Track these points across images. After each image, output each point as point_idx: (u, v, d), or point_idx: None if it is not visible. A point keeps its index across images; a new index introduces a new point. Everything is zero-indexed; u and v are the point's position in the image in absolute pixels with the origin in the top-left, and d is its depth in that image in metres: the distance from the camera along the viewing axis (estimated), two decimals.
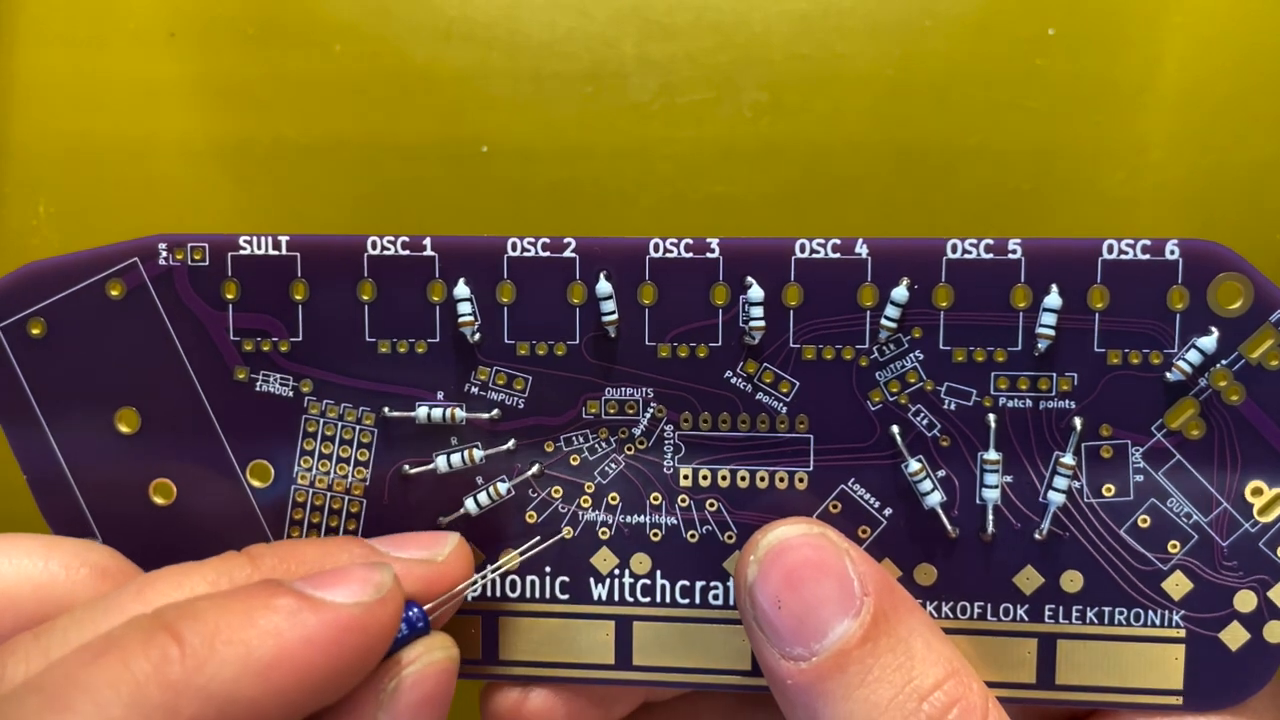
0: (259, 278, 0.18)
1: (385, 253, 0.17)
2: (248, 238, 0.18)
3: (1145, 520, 0.17)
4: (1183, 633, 0.17)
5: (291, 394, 0.18)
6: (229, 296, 0.18)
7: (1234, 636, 0.17)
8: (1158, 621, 0.17)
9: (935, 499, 0.17)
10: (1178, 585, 0.17)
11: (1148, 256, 0.16)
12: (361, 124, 0.22)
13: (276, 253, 0.18)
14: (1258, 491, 0.16)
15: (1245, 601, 0.17)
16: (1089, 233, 0.22)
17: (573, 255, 0.17)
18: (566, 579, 0.18)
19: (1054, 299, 0.16)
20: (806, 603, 0.15)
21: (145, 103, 0.22)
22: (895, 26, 0.22)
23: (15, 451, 0.18)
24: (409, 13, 0.21)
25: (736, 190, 0.22)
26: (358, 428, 0.18)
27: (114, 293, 0.18)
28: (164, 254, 0.18)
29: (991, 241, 0.17)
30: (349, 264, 0.17)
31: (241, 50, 0.22)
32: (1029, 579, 0.17)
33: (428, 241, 0.17)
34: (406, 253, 0.17)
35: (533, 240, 0.17)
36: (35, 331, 0.18)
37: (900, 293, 0.16)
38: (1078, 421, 0.17)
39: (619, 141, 0.22)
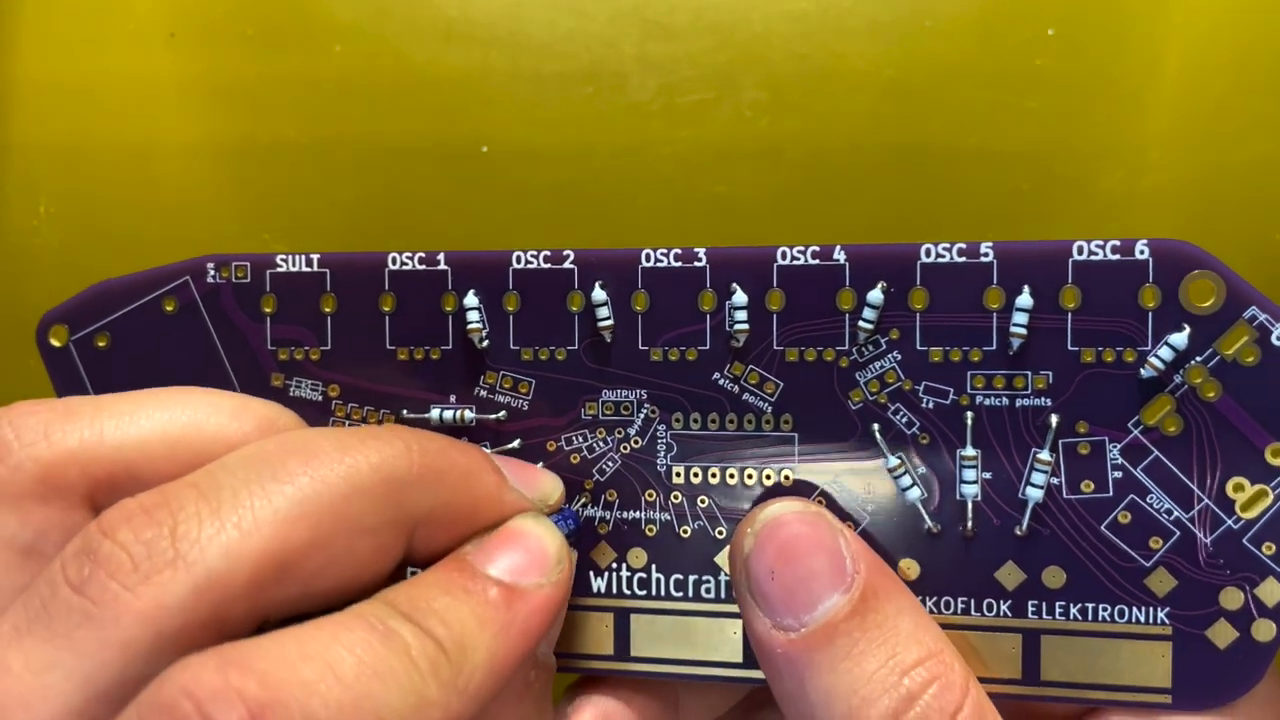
0: (293, 293, 0.20)
1: (404, 267, 0.19)
2: (284, 256, 0.20)
3: (1125, 516, 0.17)
4: (1169, 630, 0.17)
5: (320, 398, 0.20)
6: (267, 310, 0.20)
7: (1221, 634, 0.17)
8: (1142, 619, 0.17)
9: (915, 494, 0.18)
10: (1161, 582, 0.17)
11: (1117, 257, 0.17)
12: (361, 124, 0.22)
13: (309, 269, 0.20)
14: (1239, 488, 0.17)
15: (1232, 599, 0.17)
16: (1089, 232, 0.22)
17: (571, 266, 0.19)
18: None
19: (1025, 299, 0.17)
20: (799, 575, 0.16)
21: (145, 103, 0.23)
22: (895, 26, 0.23)
23: None
24: (409, 13, 0.22)
25: (736, 190, 0.23)
26: None
27: (169, 308, 0.20)
28: (212, 273, 0.20)
29: (964, 245, 0.18)
30: (372, 278, 0.19)
31: (241, 50, 0.22)
32: (1011, 575, 0.18)
33: (441, 256, 0.19)
34: (423, 267, 0.19)
35: (535, 253, 0.19)
36: (101, 344, 0.20)
37: (875, 295, 0.18)
38: (1054, 419, 0.17)
39: (619, 141, 0.22)
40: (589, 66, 0.23)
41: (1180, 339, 0.17)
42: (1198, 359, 0.17)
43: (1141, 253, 0.17)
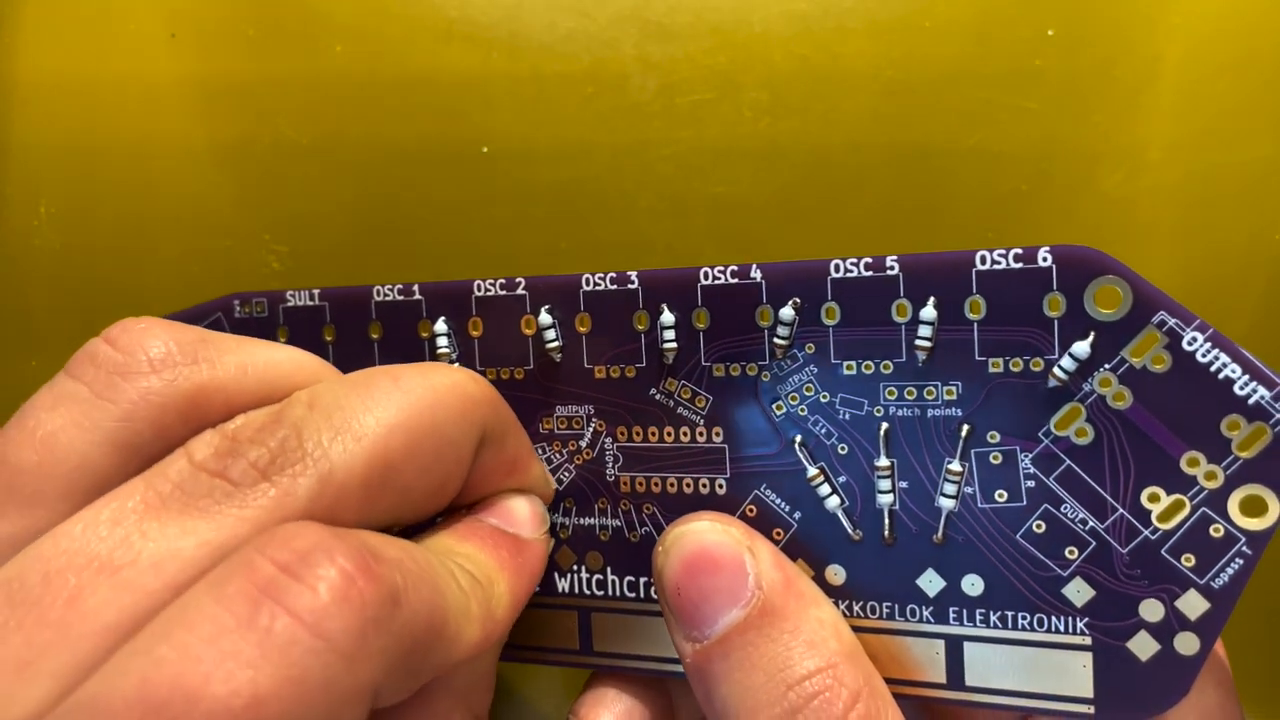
0: (301, 324, 0.23)
1: (386, 298, 0.22)
2: (292, 292, 0.23)
3: (1040, 526, 0.17)
4: (1088, 640, 0.17)
5: None
6: (282, 340, 0.23)
7: (1143, 646, 0.17)
8: (1061, 628, 0.17)
9: (834, 503, 0.19)
10: (1079, 591, 0.17)
11: (1020, 265, 0.17)
12: (361, 124, 0.23)
13: (311, 303, 0.23)
14: (1154, 498, 0.17)
15: (1152, 611, 0.17)
16: (1089, 232, 0.22)
17: (523, 292, 0.21)
18: None
19: (929, 311, 0.18)
20: (702, 590, 0.18)
21: (145, 103, 0.23)
22: (895, 27, 0.23)
23: None
24: (409, 14, 0.23)
25: (736, 190, 0.23)
26: None
27: None
28: (238, 309, 0.23)
29: (871, 260, 0.18)
30: (361, 309, 0.22)
31: (241, 50, 0.23)
32: (931, 582, 0.18)
33: (416, 287, 0.22)
34: (401, 298, 0.22)
35: (492, 281, 0.21)
36: None
37: (787, 312, 0.19)
38: (964, 428, 0.18)
39: (619, 141, 0.23)
40: (589, 67, 0.23)
41: (1082, 348, 0.17)
42: (1106, 366, 0.17)
43: (1044, 260, 0.17)
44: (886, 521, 0.18)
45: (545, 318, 0.20)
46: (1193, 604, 0.17)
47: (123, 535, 0.14)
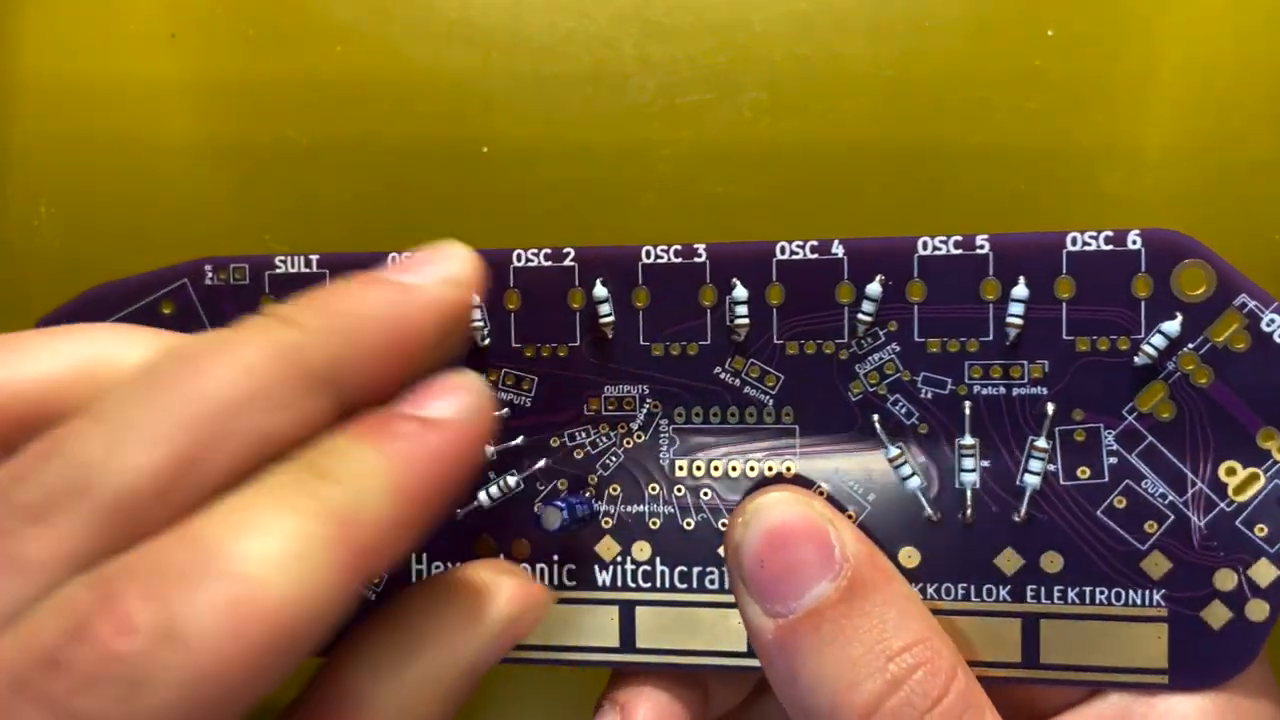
0: (293, 294, 0.20)
1: None
2: (283, 258, 0.20)
3: (1121, 501, 0.18)
4: (1164, 612, 0.18)
5: None
6: None
7: (1216, 615, 0.18)
8: (1138, 601, 0.18)
9: (915, 483, 0.18)
10: (1156, 565, 0.18)
11: (1110, 247, 0.18)
12: (362, 124, 0.23)
13: (308, 270, 0.20)
14: (1231, 471, 0.18)
15: (1225, 580, 0.18)
16: None
17: (572, 264, 0.19)
18: (573, 566, 0.20)
19: (1021, 290, 0.18)
20: (788, 563, 0.17)
21: (145, 103, 0.23)
22: (895, 26, 0.23)
23: None
24: (409, 14, 0.23)
25: (736, 190, 0.23)
26: None
27: (166, 310, 0.21)
28: (210, 275, 0.21)
29: (960, 238, 0.18)
30: None
31: (241, 51, 0.23)
32: (1009, 560, 0.18)
33: None
34: None
35: (536, 251, 0.20)
36: None
37: (874, 288, 0.18)
38: (1050, 406, 0.18)
39: (619, 141, 0.23)
40: (589, 67, 0.23)
41: (1172, 327, 0.17)
42: (1190, 346, 0.18)
43: (1134, 243, 0.18)
44: (969, 501, 0.18)
45: (600, 290, 0.19)
46: (1264, 572, 0.18)
47: None
